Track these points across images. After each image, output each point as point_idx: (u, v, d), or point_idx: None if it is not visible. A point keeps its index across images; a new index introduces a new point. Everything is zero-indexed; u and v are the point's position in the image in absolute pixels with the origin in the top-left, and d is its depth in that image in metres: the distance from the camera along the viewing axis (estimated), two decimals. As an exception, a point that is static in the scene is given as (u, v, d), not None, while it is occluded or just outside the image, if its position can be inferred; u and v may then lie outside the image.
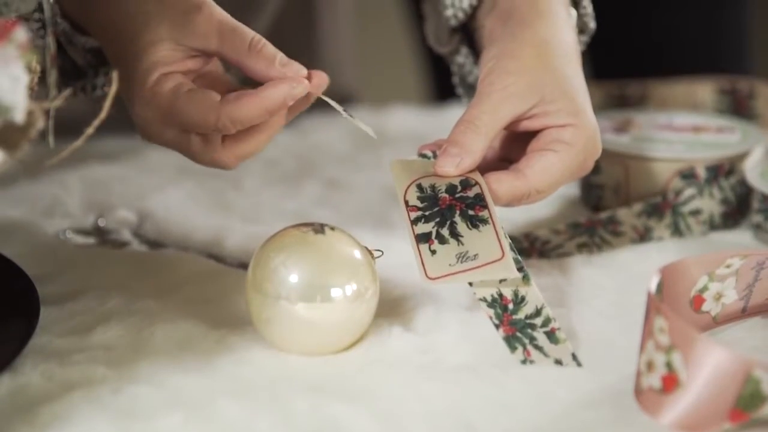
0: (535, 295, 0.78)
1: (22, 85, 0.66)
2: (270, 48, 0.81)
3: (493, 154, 0.87)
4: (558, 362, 0.76)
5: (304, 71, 0.81)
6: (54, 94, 0.82)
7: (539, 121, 0.83)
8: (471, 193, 0.80)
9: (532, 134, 0.84)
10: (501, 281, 0.78)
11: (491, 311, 0.78)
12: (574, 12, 0.90)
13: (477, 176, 0.81)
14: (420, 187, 0.81)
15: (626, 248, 0.93)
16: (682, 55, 1.44)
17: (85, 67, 0.88)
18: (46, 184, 1.06)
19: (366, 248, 0.79)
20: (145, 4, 0.81)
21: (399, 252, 0.90)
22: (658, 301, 0.69)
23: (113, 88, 0.78)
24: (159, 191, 1.05)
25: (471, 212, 0.79)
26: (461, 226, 0.79)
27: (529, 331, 0.77)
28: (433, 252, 0.78)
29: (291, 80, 0.79)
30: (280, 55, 0.81)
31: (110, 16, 0.82)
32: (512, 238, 0.92)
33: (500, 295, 0.78)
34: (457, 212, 0.79)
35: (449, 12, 0.90)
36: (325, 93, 0.86)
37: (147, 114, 0.81)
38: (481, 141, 0.81)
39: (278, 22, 1.17)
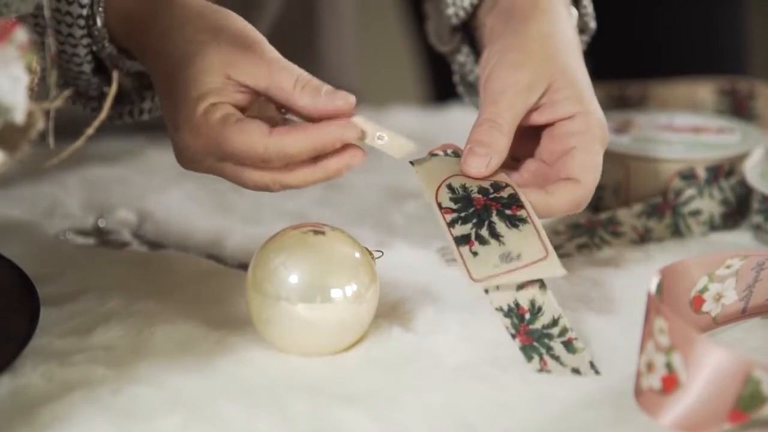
0: (551, 304, 0.78)
1: (22, 85, 0.66)
2: (315, 81, 0.81)
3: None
4: (575, 371, 0.76)
5: (352, 99, 0.81)
6: (54, 94, 0.82)
7: (547, 112, 0.83)
8: (504, 194, 0.80)
9: (533, 129, 0.84)
10: (518, 289, 0.78)
11: (507, 321, 0.77)
12: (575, 11, 0.90)
13: (504, 177, 0.82)
14: (451, 188, 0.80)
15: (626, 249, 0.92)
16: (682, 55, 1.44)
17: (128, 91, 0.89)
18: (46, 184, 1.06)
19: (366, 249, 0.79)
20: (200, 33, 0.81)
21: (399, 252, 0.90)
22: (658, 302, 0.69)
23: (113, 89, 0.78)
24: (159, 192, 1.05)
25: (508, 212, 0.79)
26: (500, 226, 0.79)
27: (546, 341, 0.77)
28: (475, 254, 0.77)
29: (344, 122, 0.79)
30: (326, 87, 0.81)
31: (164, 43, 0.82)
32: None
33: (517, 304, 0.78)
34: (494, 212, 0.79)
35: (450, 10, 0.91)
36: None
37: (192, 141, 0.81)
38: (505, 139, 0.82)
39: (279, 23, 1.17)
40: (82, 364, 0.76)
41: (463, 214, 0.79)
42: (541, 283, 0.78)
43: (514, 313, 0.77)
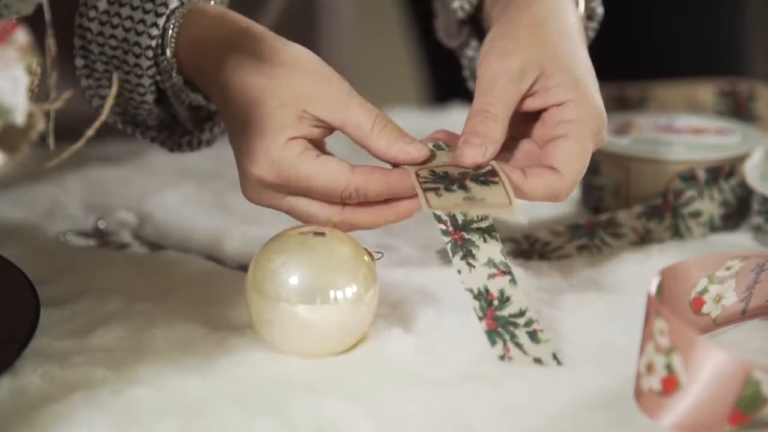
0: (520, 297, 0.78)
1: (22, 87, 0.66)
2: (392, 127, 0.82)
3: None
4: (537, 360, 0.76)
5: (425, 151, 0.82)
6: (54, 96, 0.82)
7: (540, 98, 0.83)
8: (483, 170, 0.81)
9: (531, 111, 0.84)
10: (489, 277, 0.78)
11: (476, 303, 0.78)
12: (582, 2, 0.90)
13: (492, 163, 0.82)
14: (433, 172, 0.81)
15: (626, 250, 0.93)
16: (682, 56, 1.44)
17: (184, 121, 0.89)
18: (46, 186, 1.06)
19: (366, 250, 0.79)
20: (276, 67, 0.82)
21: (399, 253, 0.90)
22: (658, 303, 0.69)
23: (113, 90, 0.78)
24: (159, 193, 1.05)
25: (482, 178, 0.80)
26: (470, 184, 0.80)
27: (511, 328, 0.77)
28: (439, 196, 0.78)
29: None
30: (405, 137, 0.82)
31: (238, 75, 0.82)
32: (512, 239, 0.92)
33: (486, 290, 0.78)
34: (467, 179, 0.80)
35: (456, 4, 0.91)
36: None
37: (267, 174, 0.81)
38: (499, 128, 0.82)
39: (279, 24, 1.17)
40: (82, 366, 0.76)
41: (438, 182, 0.80)
42: (512, 278, 0.79)
43: (483, 297, 0.78)
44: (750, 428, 0.68)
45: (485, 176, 0.80)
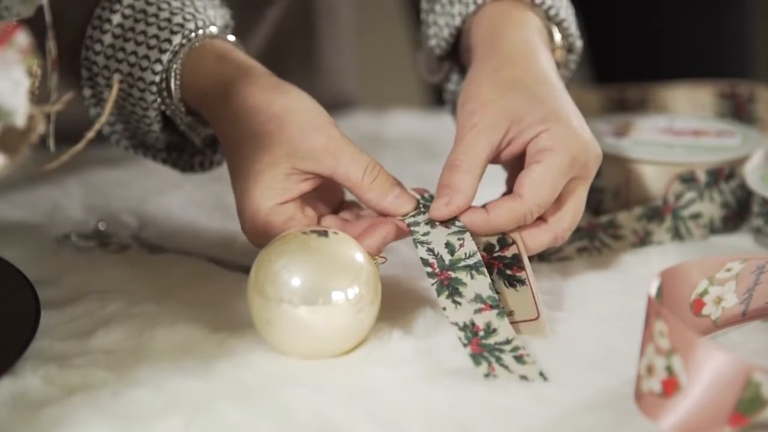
0: (507, 328, 0.78)
1: (22, 89, 0.66)
2: (383, 178, 0.82)
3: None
4: (523, 377, 0.75)
5: (414, 203, 0.83)
6: (55, 98, 0.82)
7: (516, 143, 0.83)
8: (509, 254, 0.83)
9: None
10: (475, 312, 0.79)
11: (461, 333, 0.78)
12: (557, 36, 0.90)
13: (515, 235, 0.83)
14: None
15: (626, 252, 0.93)
16: (683, 58, 1.44)
17: (201, 147, 0.91)
18: (46, 188, 1.06)
19: (369, 252, 0.79)
20: (267, 122, 0.82)
21: (400, 255, 0.90)
22: (658, 305, 0.69)
23: (114, 93, 0.78)
24: (159, 195, 1.05)
25: (509, 272, 0.82)
26: (498, 284, 0.82)
27: (497, 353, 0.77)
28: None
29: (389, 227, 0.82)
30: (396, 189, 0.82)
31: (231, 131, 0.84)
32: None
33: (473, 323, 0.78)
34: (495, 270, 0.82)
35: (432, 42, 0.92)
36: (325, 100, 0.86)
37: (251, 236, 0.83)
38: (468, 178, 0.82)
39: (278, 30, 1.17)
40: (83, 367, 0.76)
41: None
42: (500, 311, 0.79)
43: (468, 328, 0.78)
44: (750, 430, 0.68)
45: (513, 269, 0.82)
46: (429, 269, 0.80)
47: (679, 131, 1.02)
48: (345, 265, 0.77)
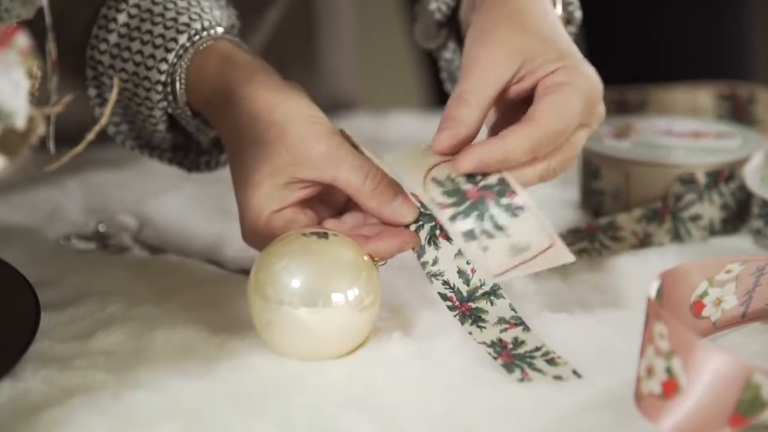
0: (535, 338, 0.78)
1: (22, 90, 0.66)
2: (385, 185, 0.81)
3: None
4: (557, 377, 0.75)
5: (416, 212, 0.82)
6: (55, 99, 0.82)
7: (528, 80, 0.82)
8: (493, 180, 0.79)
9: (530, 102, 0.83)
10: (501, 331, 0.78)
11: (490, 349, 0.78)
12: (558, 7, 0.90)
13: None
14: (437, 181, 0.79)
15: (626, 254, 0.93)
16: (683, 60, 1.44)
17: (208, 147, 0.91)
18: (46, 189, 1.06)
19: (369, 254, 0.79)
20: (268, 130, 0.82)
21: (400, 256, 0.90)
22: (658, 307, 0.69)
23: (114, 94, 0.78)
24: (159, 196, 1.05)
25: (505, 200, 0.78)
26: (501, 217, 0.78)
27: (529, 359, 0.77)
28: (485, 249, 0.77)
29: (405, 239, 0.81)
30: (399, 197, 0.82)
31: (232, 139, 0.83)
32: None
33: (500, 340, 0.78)
34: (491, 203, 0.78)
35: (433, 6, 0.91)
36: (325, 101, 0.86)
37: (251, 242, 0.83)
38: (474, 112, 0.80)
39: (278, 30, 1.17)
40: (83, 369, 0.76)
41: (461, 208, 0.78)
42: (525, 327, 0.79)
43: (497, 344, 0.78)
44: (750, 431, 0.68)
45: (507, 195, 0.78)
46: (449, 303, 0.80)
47: (678, 133, 1.02)
48: (345, 266, 0.77)
